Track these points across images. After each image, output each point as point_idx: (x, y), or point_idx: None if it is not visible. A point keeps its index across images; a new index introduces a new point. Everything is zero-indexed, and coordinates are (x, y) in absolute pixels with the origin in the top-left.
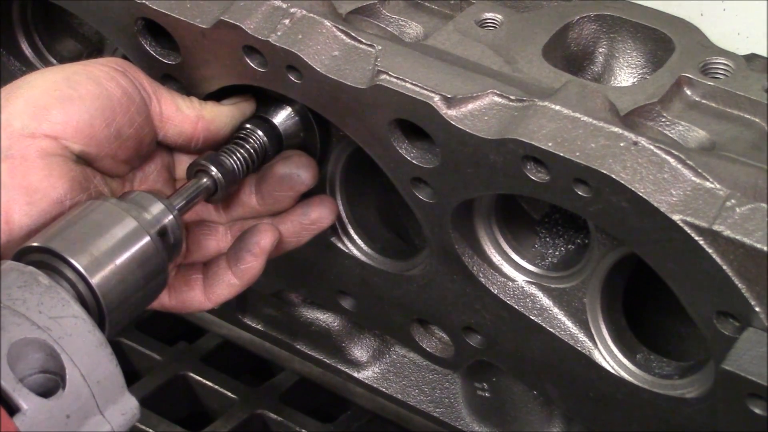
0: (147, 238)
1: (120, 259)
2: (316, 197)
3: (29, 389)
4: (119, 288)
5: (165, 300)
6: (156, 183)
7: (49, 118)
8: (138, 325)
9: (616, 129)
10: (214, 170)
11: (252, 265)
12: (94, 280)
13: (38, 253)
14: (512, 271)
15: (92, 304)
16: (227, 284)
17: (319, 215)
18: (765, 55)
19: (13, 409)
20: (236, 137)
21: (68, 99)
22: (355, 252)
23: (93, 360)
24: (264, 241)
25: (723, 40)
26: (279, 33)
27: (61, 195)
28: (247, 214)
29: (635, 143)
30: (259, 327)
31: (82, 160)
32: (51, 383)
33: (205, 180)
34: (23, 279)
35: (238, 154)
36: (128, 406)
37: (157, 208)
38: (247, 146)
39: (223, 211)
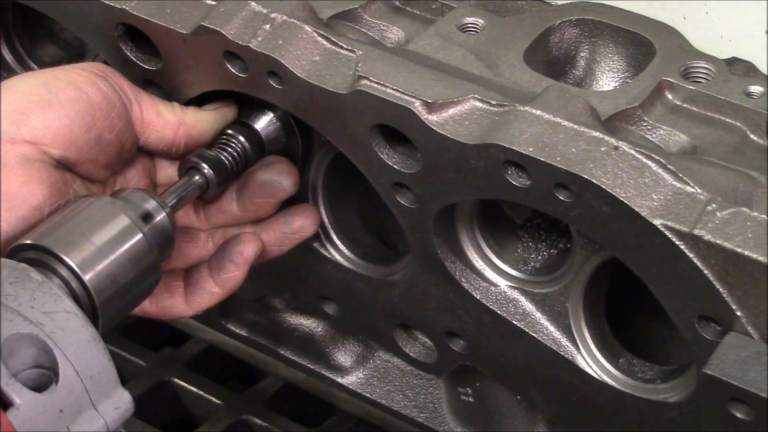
0: (140, 236)
1: (113, 256)
2: (299, 206)
3: (22, 384)
4: (112, 285)
5: (146, 306)
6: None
7: (29, 123)
8: (122, 330)
9: (596, 134)
10: (205, 167)
11: (234, 274)
12: (87, 277)
13: (31, 251)
14: (495, 276)
15: (85, 301)
16: (208, 292)
17: (301, 224)
18: (746, 59)
19: (6, 404)
20: (218, 142)
21: (48, 104)
22: (338, 257)
23: (86, 355)
24: (247, 251)
25: (706, 44)
26: (260, 38)
27: (40, 201)
28: (229, 221)
29: (616, 148)
30: (242, 333)
31: (62, 165)
32: (44, 378)
33: (197, 177)
34: (15, 275)
35: (228, 153)
36: (122, 400)
37: (150, 205)
38: (231, 150)
39: (204, 218)
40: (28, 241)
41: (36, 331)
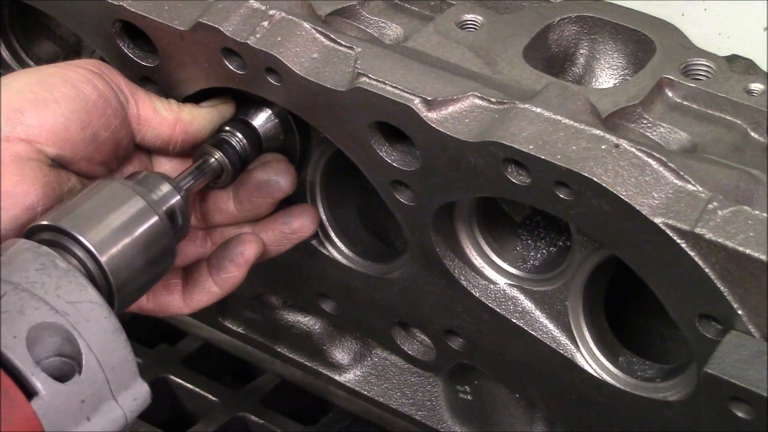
0: (155, 218)
1: (129, 238)
2: (298, 206)
3: (44, 372)
4: (128, 267)
5: (143, 302)
6: None
7: (24, 121)
8: None
9: (597, 131)
10: (219, 153)
11: (234, 275)
12: (104, 259)
13: (47, 232)
14: (494, 274)
15: (102, 283)
16: (207, 292)
17: (300, 225)
18: (744, 55)
19: (30, 393)
20: (216, 139)
21: (43, 102)
22: (336, 255)
23: (109, 346)
24: (248, 252)
25: (704, 41)
26: (258, 35)
27: (34, 201)
28: (226, 220)
29: (617, 146)
30: (239, 330)
31: (57, 163)
32: (66, 367)
33: (211, 161)
34: (41, 261)
35: (239, 139)
36: (140, 391)
37: (165, 188)
38: (237, 138)
39: (202, 217)
40: (45, 222)
41: (61, 321)
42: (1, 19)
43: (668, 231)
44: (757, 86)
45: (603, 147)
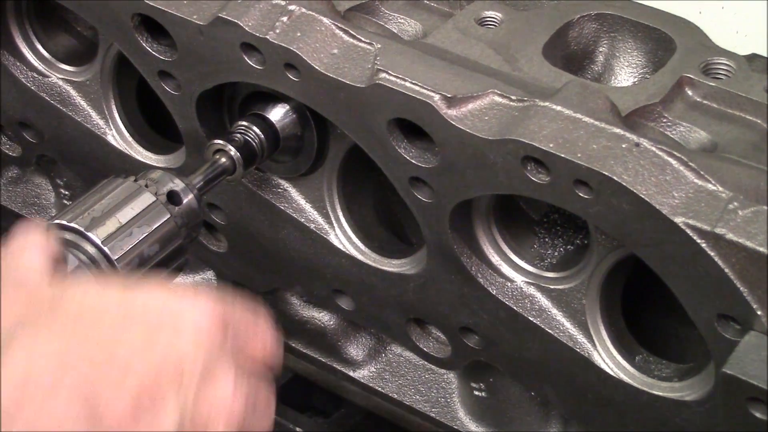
0: (167, 216)
1: (141, 237)
2: None
3: None
4: (140, 267)
5: None
6: None
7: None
8: None
9: (617, 130)
10: (232, 150)
11: None
12: (116, 258)
13: (59, 230)
14: (511, 272)
15: None
16: None
17: None
18: (765, 54)
19: None
20: (231, 135)
21: None
22: (352, 251)
23: None
24: None
25: (722, 39)
26: (277, 30)
27: None
28: None
29: (637, 144)
30: None
31: None
32: None
33: (223, 160)
34: None
35: (255, 134)
36: None
37: (177, 186)
38: (253, 134)
39: None
40: (57, 221)
41: None
42: (19, 13)
43: (688, 231)
44: None
45: (623, 146)
